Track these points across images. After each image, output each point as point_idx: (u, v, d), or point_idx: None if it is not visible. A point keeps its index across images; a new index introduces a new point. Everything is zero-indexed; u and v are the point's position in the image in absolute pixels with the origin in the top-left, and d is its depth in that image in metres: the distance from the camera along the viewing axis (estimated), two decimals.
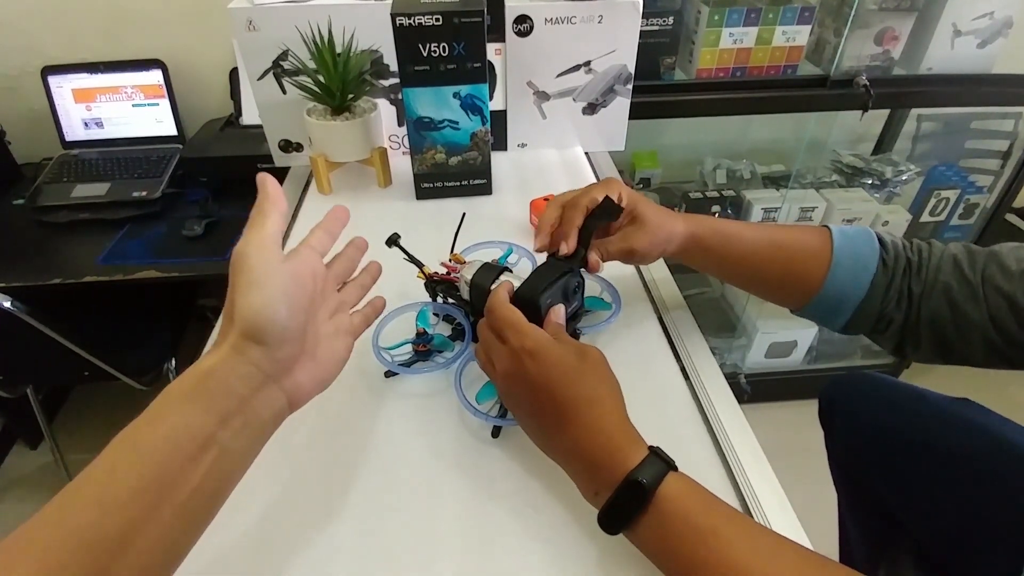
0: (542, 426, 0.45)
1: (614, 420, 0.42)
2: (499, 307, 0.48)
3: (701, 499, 0.39)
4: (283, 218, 0.40)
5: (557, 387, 0.43)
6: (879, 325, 0.57)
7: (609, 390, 0.44)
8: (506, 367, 0.45)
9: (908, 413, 0.67)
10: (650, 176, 1.55)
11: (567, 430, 0.42)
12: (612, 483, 0.39)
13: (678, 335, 0.65)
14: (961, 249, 0.55)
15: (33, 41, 1.29)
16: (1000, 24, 1.20)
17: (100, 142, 1.32)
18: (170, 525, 0.32)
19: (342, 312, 0.47)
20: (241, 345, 0.36)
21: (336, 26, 0.81)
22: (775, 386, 1.66)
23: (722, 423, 0.55)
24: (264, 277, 0.37)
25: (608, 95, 0.97)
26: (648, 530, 0.38)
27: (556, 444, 0.44)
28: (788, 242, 0.58)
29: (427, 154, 0.83)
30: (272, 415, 0.38)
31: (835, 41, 1.20)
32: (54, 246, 1.15)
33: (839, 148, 1.59)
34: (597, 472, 0.41)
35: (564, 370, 0.43)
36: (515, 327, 0.46)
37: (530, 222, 0.81)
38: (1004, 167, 1.46)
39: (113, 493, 0.31)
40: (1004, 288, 0.51)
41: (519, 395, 0.45)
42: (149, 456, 0.32)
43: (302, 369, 0.40)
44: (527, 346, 0.44)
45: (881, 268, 0.55)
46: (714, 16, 1.15)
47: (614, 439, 0.41)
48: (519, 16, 0.87)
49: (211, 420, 0.34)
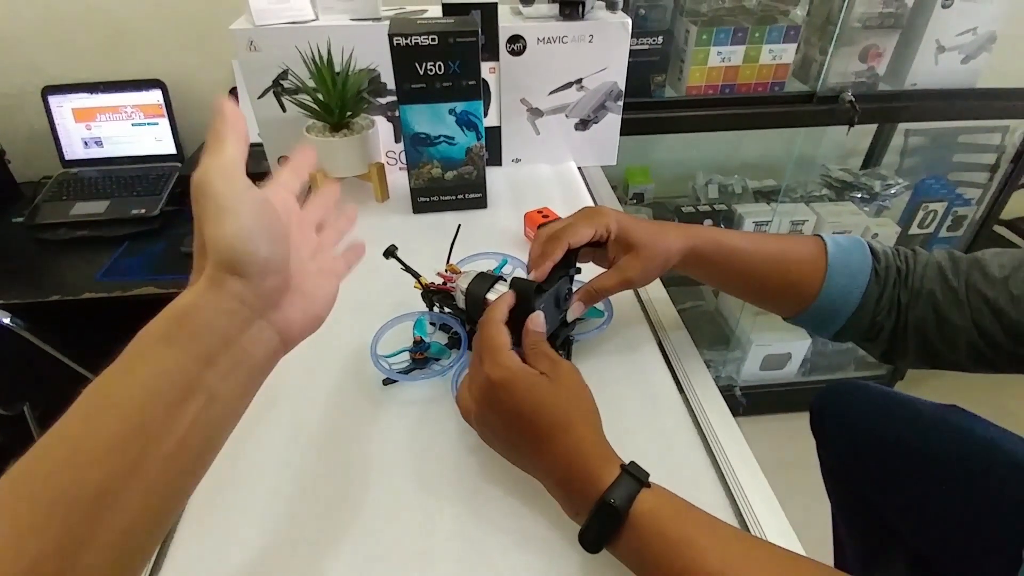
0: (520, 454, 0.45)
1: (588, 443, 0.42)
2: (488, 324, 0.47)
3: (675, 511, 0.39)
4: (243, 142, 0.35)
5: (530, 415, 0.43)
6: (870, 333, 0.58)
7: (581, 412, 0.44)
8: (481, 394, 0.45)
9: (898, 420, 0.67)
10: (643, 191, 1.57)
11: (543, 457, 0.43)
12: (588, 505, 0.40)
13: (672, 348, 0.66)
14: (945, 256, 0.56)
15: (34, 61, 1.31)
16: (983, 39, 1.23)
17: (100, 160, 1.33)
18: (156, 480, 0.29)
19: (324, 252, 0.44)
20: (220, 278, 0.32)
21: (335, 46, 0.83)
22: (770, 398, 1.67)
23: (717, 436, 0.55)
24: (234, 203, 0.33)
25: (600, 111, 0.99)
26: (626, 547, 0.39)
27: (533, 470, 0.45)
28: (784, 253, 0.59)
29: (423, 169, 0.85)
30: (265, 354, 0.35)
31: (821, 58, 1.23)
32: (53, 263, 1.15)
33: (829, 163, 1.62)
34: (574, 495, 0.41)
35: (536, 397, 0.43)
36: (492, 352, 0.45)
37: (524, 235, 0.82)
38: (992, 180, 1.49)
39: (88, 447, 0.28)
40: (987, 294, 0.51)
41: (494, 424, 0.45)
42: (126, 405, 0.29)
43: (291, 304, 0.37)
44: (495, 376, 0.44)
45: (874, 278, 0.56)
46: (702, 35, 1.18)
47: (588, 462, 0.41)
48: (512, 36, 0.90)
49: (194, 362, 0.31)
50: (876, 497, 0.69)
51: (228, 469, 0.52)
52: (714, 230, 0.60)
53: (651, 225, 0.58)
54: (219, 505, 0.49)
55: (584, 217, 0.58)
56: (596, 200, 0.94)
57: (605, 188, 1.00)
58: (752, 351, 1.61)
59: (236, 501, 0.49)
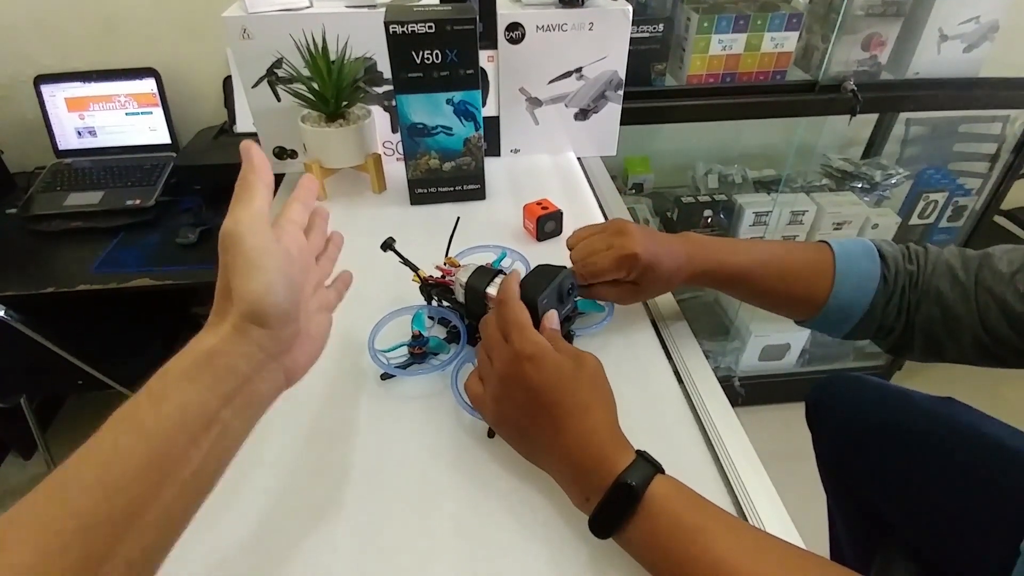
0: (534, 432, 0.45)
1: (605, 428, 0.43)
2: (510, 302, 0.48)
3: (688, 499, 0.40)
4: (269, 190, 0.38)
5: (553, 393, 0.43)
6: (880, 332, 0.59)
7: (602, 399, 0.45)
8: (506, 369, 0.45)
9: (893, 413, 0.67)
10: (642, 181, 1.56)
11: (559, 437, 0.43)
12: (602, 487, 0.40)
13: (671, 339, 0.66)
14: (955, 253, 0.56)
15: (26, 50, 1.29)
16: (986, 28, 1.22)
17: (93, 151, 1.32)
18: (171, 505, 0.32)
19: (321, 287, 0.47)
20: (244, 327, 0.36)
21: (330, 34, 0.82)
22: (768, 389, 1.67)
23: (716, 426, 0.55)
24: (263, 259, 0.36)
25: (599, 101, 0.97)
26: (638, 531, 0.39)
27: (547, 451, 0.45)
28: (792, 264, 0.59)
29: (421, 160, 0.84)
30: (271, 391, 0.38)
31: (823, 47, 1.21)
32: (47, 255, 1.15)
33: (829, 152, 1.61)
34: (587, 478, 0.42)
35: (561, 377, 0.44)
36: (520, 328, 0.46)
37: (523, 226, 0.81)
38: (992, 170, 1.48)
39: (117, 473, 0.30)
40: (995, 290, 0.52)
41: (514, 399, 0.45)
42: (153, 436, 0.31)
43: (299, 346, 0.40)
44: (527, 351, 0.44)
45: (882, 285, 0.56)
46: (703, 23, 1.16)
47: (605, 446, 0.42)
48: (511, 23, 0.88)
49: (214, 399, 0.34)
50: (871, 491, 0.69)
51: None
52: (719, 251, 0.59)
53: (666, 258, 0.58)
54: (216, 502, 0.48)
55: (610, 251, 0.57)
56: (596, 191, 0.93)
57: (605, 179, 0.99)
58: (751, 341, 1.61)
59: (233, 498, 0.49)
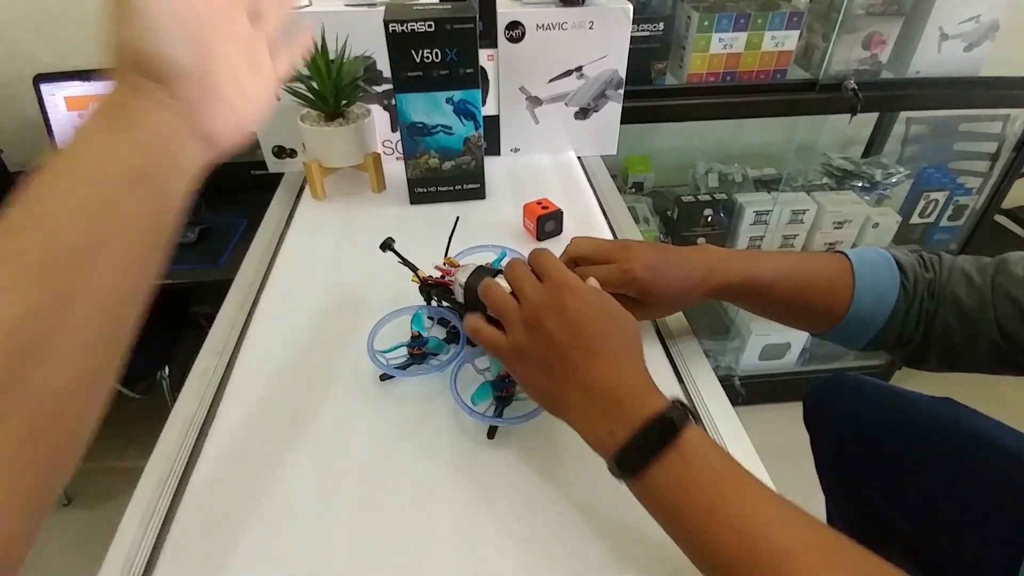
0: (562, 366, 0.43)
1: (642, 371, 0.43)
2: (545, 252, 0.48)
3: (721, 452, 0.39)
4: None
5: (594, 323, 0.43)
6: (899, 343, 0.58)
7: (639, 352, 0.44)
8: (542, 299, 0.44)
9: (891, 413, 0.67)
10: (643, 180, 1.56)
11: (595, 364, 0.42)
12: (632, 422, 0.39)
13: (671, 337, 0.66)
14: (970, 260, 0.55)
15: (25, 49, 1.29)
16: (987, 27, 1.22)
17: None
18: (125, 250, 0.30)
19: (258, 50, 0.39)
20: (134, 81, 0.32)
21: (329, 33, 0.82)
22: (769, 388, 1.67)
23: (716, 426, 0.55)
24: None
25: (600, 100, 0.97)
26: (665, 473, 0.38)
27: (575, 382, 0.42)
28: (810, 277, 0.58)
29: (421, 159, 0.84)
30: (190, 156, 0.34)
31: (823, 46, 1.21)
32: None
33: (829, 151, 1.61)
34: (619, 410, 0.40)
35: (606, 311, 0.44)
36: (561, 266, 0.46)
37: (523, 226, 0.81)
38: (992, 169, 1.48)
39: (57, 213, 0.28)
40: (1013, 294, 0.51)
41: (546, 329, 0.43)
42: (83, 182, 0.29)
43: (217, 113, 0.35)
44: (570, 282, 0.44)
45: (902, 295, 0.55)
46: (704, 21, 1.16)
47: (642, 385, 0.42)
48: (511, 22, 0.88)
49: (133, 151, 0.31)
50: (870, 491, 0.69)
51: (223, 466, 0.51)
52: (737, 268, 0.58)
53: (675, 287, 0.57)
54: (213, 502, 0.49)
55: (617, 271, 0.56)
56: (596, 190, 0.93)
57: (605, 178, 0.98)
58: (751, 340, 1.61)
59: (231, 498, 0.49)
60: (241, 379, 0.60)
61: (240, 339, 0.65)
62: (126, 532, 0.47)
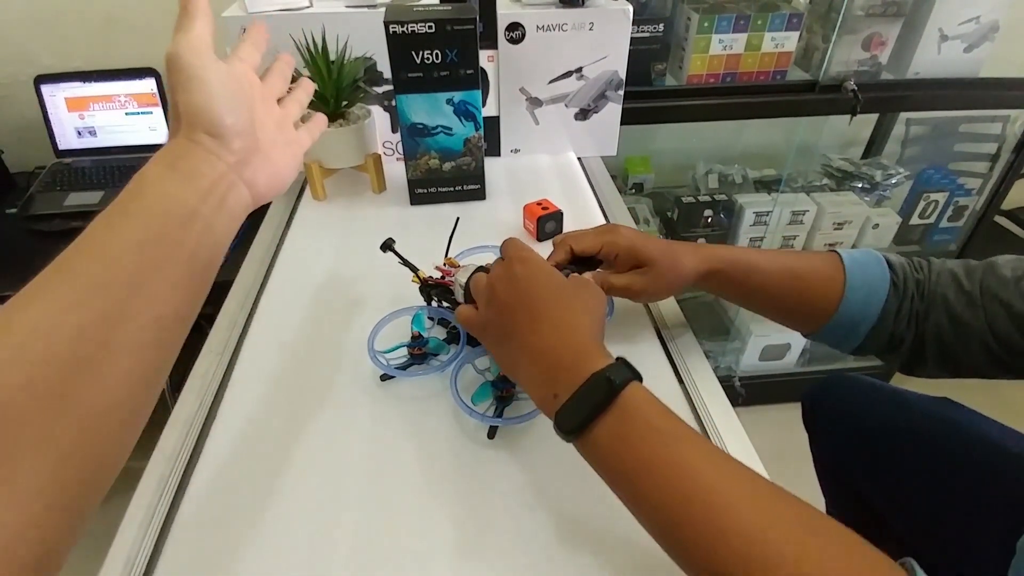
0: (512, 329, 0.44)
1: (586, 331, 0.43)
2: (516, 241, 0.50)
3: (663, 409, 0.38)
4: (210, 21, 0.41)
5: (538, 289, 0.45)
6: (891, 345, 0.58)
7: (589, 311, 0.45)
8: (498, 272, 0.47)
9: (889, 413, 0.67)
10: (643, 181, 1.56)
11: (539, 328, 0.43)
12: (575, 382, 0.39)
13: (672, 338, 0.66)
14: (958, 263, 0.56)
15: (25, 50, 1.29)
16: (986, 28, 1.22)
17: (93, 151, 1.32)
18: (177, 280, 0.34)
19: (287, 125, 0.48)
20: (195, 136, 0.38)
21: (330, 34, 0.82)
22: (769, 389, 1.67)
23: (716, 426, 0.55)
24: (203, 73, 0.38)
25: (600, 101, 0.97)
26: (607, 430, 0.38)
27: (523, 347, 0.43)
28: (802, 271, 0.59)
29: (421, 160, 0.84)
30: (238, 201, 0.40)
31: (823, 47, 1.21)
32: (47, 255, 1.12)
33: (829, 152, 1.61)
34: (561, 372, 0.40)
35: (549, 279, 0.45)
36: (519, 245, 0.49)
37: (524, 227, 0.81)
38: (992, 170, 1.48)
39: (116, 245, 0.32)
40: (1001, 296, 0.51)
41: (500, 298, 0.46)
42: (143, 219, 0.34)
43: (259, 167, 0.42)
44: (521, 254, 0.47)
45: (892, 291, 0.55)
46: (704, 23, 1.16)
47: (586, 345, 0.42)
48: (511, 23, 0.88)
49: (191, 194, 0.36)
50: (868, 491, 0.69)
51: (223, 466, 0.51)
52: (730, 250, 0.60)
53: (666, 247, 0.58)
54: (213, 502, 0.49)
55: (595, 230, 0.60)
56: (596, 191, 0.93)
57: (605, 179, 0.99)
58: (751, 341, 1.61)
59: (231, 498, 0.49)
60: (241, 380, 0.60)
61: (240, 340, 0.65)
62: (126, 532, 0.47)
